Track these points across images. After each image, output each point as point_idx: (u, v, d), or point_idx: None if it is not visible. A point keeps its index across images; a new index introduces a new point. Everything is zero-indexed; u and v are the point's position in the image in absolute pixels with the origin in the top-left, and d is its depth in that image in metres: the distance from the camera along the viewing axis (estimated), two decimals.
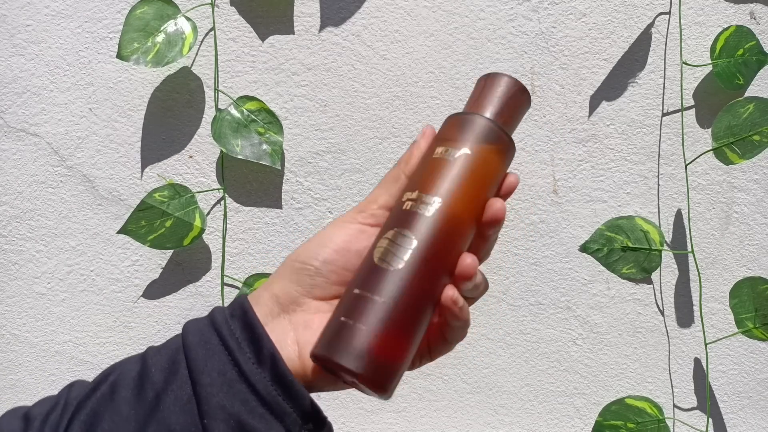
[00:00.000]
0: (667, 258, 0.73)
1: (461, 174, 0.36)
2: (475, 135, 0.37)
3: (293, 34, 0.70)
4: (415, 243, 0.34)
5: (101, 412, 0.32)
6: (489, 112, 0.38)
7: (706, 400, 0.74)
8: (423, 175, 0.37)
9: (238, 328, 0.34)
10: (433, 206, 0.35)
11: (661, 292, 0.74)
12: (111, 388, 0.33)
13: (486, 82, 0.40)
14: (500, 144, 0.38)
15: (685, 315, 0.74)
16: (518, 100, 0.39)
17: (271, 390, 0.33)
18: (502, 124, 0.38)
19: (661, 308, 0.74)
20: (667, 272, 0.74)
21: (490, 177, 0.37)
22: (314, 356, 0.34)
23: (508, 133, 0.38)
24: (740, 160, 0.67)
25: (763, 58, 0.68)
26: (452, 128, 0.38)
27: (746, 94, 0.70)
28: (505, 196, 0.38)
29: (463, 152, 0.36)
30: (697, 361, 0.74)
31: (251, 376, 0.33)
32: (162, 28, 0.65)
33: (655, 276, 0.73)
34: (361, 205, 0.38)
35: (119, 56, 0.64)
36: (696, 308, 0.74)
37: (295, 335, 0.35)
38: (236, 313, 0.35)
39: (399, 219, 0.36)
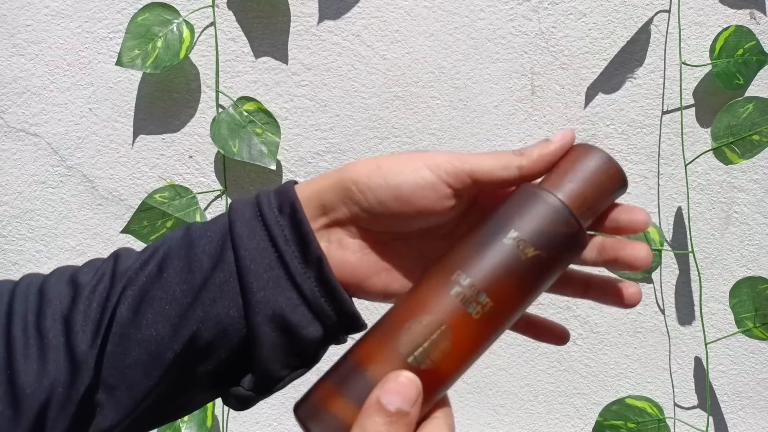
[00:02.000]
0: (667, 258, 0.75)
1: (528, 280, 0.32)
2: (556, 237, 0.32)
3: (292, 35, 0.72)
4: (449, 344, 0.31)
5: (150, 290, 0.33)
6: (578, 207, 0.33)
7: (707, 400, 0.75)
8: (483, 262, 0.32)
9: (287, 226, 0.34)
10: (484, 309, 0.31)
11: (661, 292, 0.76)
12: (159, 267, 0.34)
13: (583, 161, 0.33)
14: (579, 249, 0.33)
15: (685, 315, 0.76)
16: (615, 193, 0.34)
17: (315, 291, 0.34)
18: (587, 221, 0.34)
19: (662, 308, 0.76)
20: (667, 272, 0.75)
21: (552, 279, 0.33)
22: (295, 412, 0.33)
23: (585, 234, 0.33)
24: (740, 160, 0.68)
25: (763, 58, 0.69)
26: (527, 210, 0.33)
27: (746, 94, 0.72)
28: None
29: (537, 254, 0.32)
30: (697, 361, 0.76)
31: (297, 275, 0.33)
32: (162, 33, 0.67)
33: (655, 276, 0.75)
34: (456, 156, 0.34)
35: (119, 63, 0.67)
36: (696, 308, 0.75)
37: (326, 249, 0.35)
38: (285, 210, 0.34)
39: (440, 306, 0.32)
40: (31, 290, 0.35)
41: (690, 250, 0.73)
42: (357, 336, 0.35)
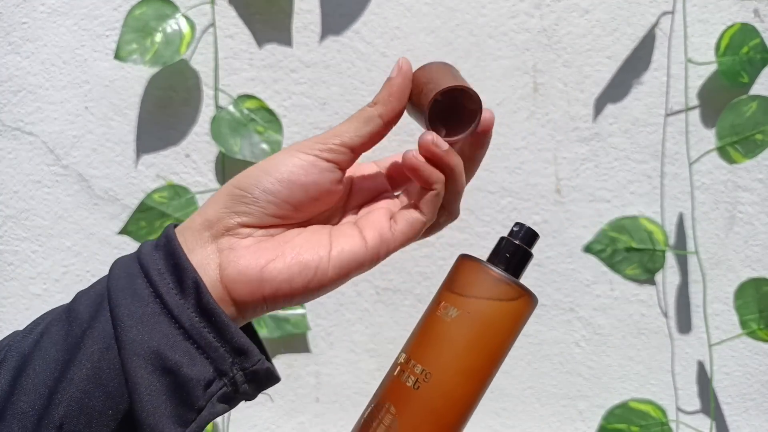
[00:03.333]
0: (671, 258, 0.76)
1: (458, 340, 0.33)
2: (481, 297, 0.34)
3: (290, 31, 0.73)
4: (396, 420, 0.32)
5: (30, 357, 0.32)
6: (499, 269, 0.35)
7: (710, 402, 0.76)
8: (417, 335, 0.34)
9: (161, 258, 0.33)
10: (425, 379, 0.33)
11: (664, 293, 0.77)
12: (42, 332, 0.32)
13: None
14: (512, 301, 0.34)
15: (688, 316, 0.77)
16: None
17: (195, 321, 0.32)
18: (514, 273, 0.35)
19: (665, 310, 0.77)
20: (671, 273, 0.76)
21: (494, 337, 0.34)
22: None
23: (523, 286, 0.35)
24: (744, 159, 0.69)
25: (767, 56, 0.70)
26: (457, 277, 0.35)
27: (750, 93, 0.73)
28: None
29: (459, 313, 0.33)
30: (701, 363, 0.77)
31: (173, 307, 0.32)
32: (161, 28, 0.68)
33: (658, 277, 0.76)
34: (323, 136, 0.36)
35: (117, 57, 0.67)
36: (700, 309, 0.76)
37: (218, 259, 0.34)
38: (161, 243, 0.34)
39: (384, 387, 0.34)
40: None
41: (694, 250, 0.75)
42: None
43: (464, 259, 0.35)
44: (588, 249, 0.73)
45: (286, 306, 0.35)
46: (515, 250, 0.35)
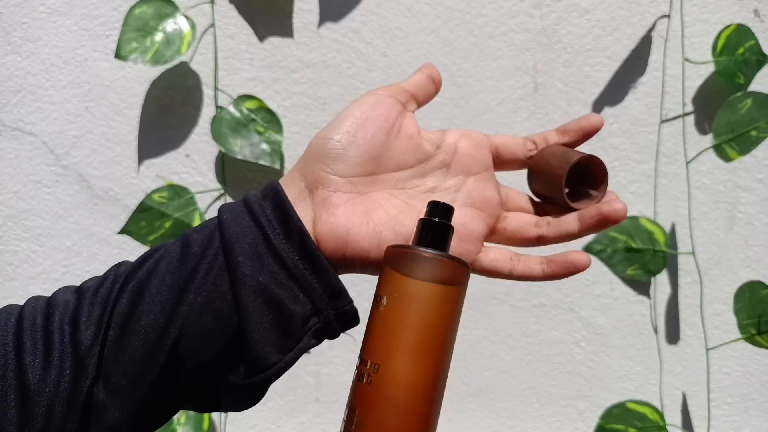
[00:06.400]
0: (671, 259, 0.78)
1: (395, 327, 0.34)
2: (410, 272, 0.35)
3: (292, 31, 0.75)
4: (362, 421, 0.33)
5: (147, 282, 0.37)
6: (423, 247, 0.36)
7: (707, 403, 0.78)
8: (364, 334, 0.36)
9: (269, 207, 0.38)
10: (375, 372, 0.34)
11: (655, 294, 0.79)
12: (156, 263, 0.38)
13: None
14: (442, 275, 0.35)
15: (688, 317, 0.79)
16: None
17: (298, 264, 0.37)
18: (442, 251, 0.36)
19: (664, 311, 0.79)
20: (671, 273, 0.78)
21: (426, 318, 0.34)
22: None
23: (450, 256, 0.36)
24: (739, 157, 0.71)
25: (762, 58, 0.72)
26: (384, 267, 0.36)
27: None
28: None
29: (390, 299, 0.35)
30: (700, 364, 0.79)
31: (280, 250, 0.37)
32: (161, 27, 0.71)
33: (658, 278, 0.78)
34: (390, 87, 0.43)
35: (118, 56, 0.69)
36: (699, 310, 0.78)
37: (312, 213, 0.39)
38: (268, 195, 0.39)
39: (350, 394, 0.35)
40: (40, 302, 0.38)
41: (692, 251, 0.77)
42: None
43: (390, 249, 0.37)
44: (588, 249, 0.75)
45: (359, 271, 0.39)
46: (434, 226, 0.37)
